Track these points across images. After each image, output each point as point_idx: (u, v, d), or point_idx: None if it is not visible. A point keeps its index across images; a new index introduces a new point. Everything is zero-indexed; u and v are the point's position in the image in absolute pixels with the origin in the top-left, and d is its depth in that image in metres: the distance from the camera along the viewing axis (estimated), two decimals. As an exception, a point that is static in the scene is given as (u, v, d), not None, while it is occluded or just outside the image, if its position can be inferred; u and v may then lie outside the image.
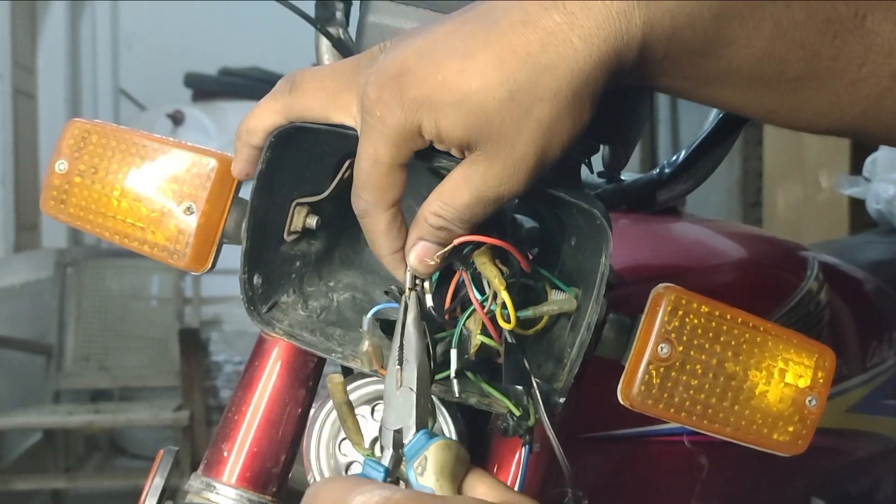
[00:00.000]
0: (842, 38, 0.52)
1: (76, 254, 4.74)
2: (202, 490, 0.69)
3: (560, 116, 0.48)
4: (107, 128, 0.64)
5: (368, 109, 0.50)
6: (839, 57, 0.52)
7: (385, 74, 0.49)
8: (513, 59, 0.47)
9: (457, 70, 0.48)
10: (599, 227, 0.55)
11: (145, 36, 6.55)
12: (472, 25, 0.49)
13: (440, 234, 0.52)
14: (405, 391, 0.52)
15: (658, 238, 1.05)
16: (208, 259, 0.63)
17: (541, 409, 0.56)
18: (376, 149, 0.50)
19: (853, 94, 0.54)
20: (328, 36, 0.77)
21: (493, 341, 0.55)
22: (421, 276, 0.54)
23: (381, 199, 0.52)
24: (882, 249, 1.42)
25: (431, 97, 0.48)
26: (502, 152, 0.49)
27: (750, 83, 0.53)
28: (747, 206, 3.86)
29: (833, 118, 0.55)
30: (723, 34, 0.50)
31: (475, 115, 0.48)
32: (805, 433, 0.60)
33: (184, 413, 3.81)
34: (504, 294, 0.54)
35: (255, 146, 0.58)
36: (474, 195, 0.50)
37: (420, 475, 0.48)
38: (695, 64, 0.51)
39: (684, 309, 0.58)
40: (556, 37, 0.47)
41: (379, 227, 0.53)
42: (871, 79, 0.53)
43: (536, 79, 0.47)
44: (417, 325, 0.54)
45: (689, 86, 0.54)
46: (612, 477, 0.93)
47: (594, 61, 0.48)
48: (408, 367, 0.52)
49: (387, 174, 0.51)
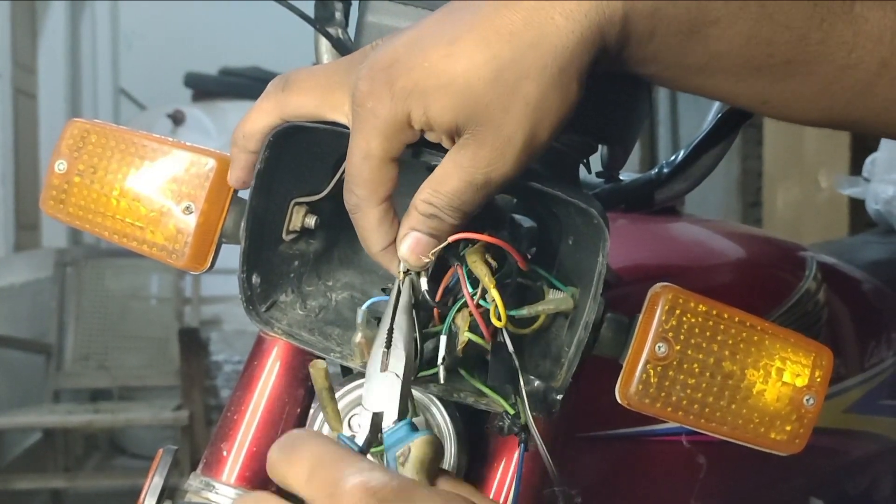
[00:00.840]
0: (829, 22, 0.52)
1: (76, 253, 4.74)
2: (201, 489, 0.69)
3: (547, 94, 0.49)
4: (106, 128, 0.64)
5: (360, 102, 0.50)
6: (827, 41, 0.52)
7: (375, 67, 0.50)
8: (497, 38, 0.48)
9: (443, 54, 0.49)
10: (597, 226, 0.55)
11: (145, 35, 6.55)
12: (457, 13, 0.50)
13: (431, 224, 0.52)
14: (390, 376, 0.52)
15: (656, 238, 1.05)
16: (207, 258, 0.63)
17: (526, 408, 0.56)
18: (367, 142, 0.51)
19: (843, 81, 0.54)
20: (327, 36, 0.77)
21: (480, 339, 0.55)
22: (412, 268, 0.54)
23: (373, 194, 0.52)
24: (881, 250, 1.42)
25: (420, 84, 0.49)
26: (490, 134, 0.49)
27: (739, 69, 0.53)
28: (746, 206, 3.86)
29: (824, 105, 0.55)
30: (707, 12, 0.51)
31: (462, 96, 0.48)
32: (803, 432, 0.60)
33: (183, 412, 3.82)
34: (494, 292, 0.54)
35: (252, 151, 0.58)
36: (464, 179, 0.50)
37: (401, 465, 0.48)
38: (682, 46, 0.52)
39: (682, 308, 0.58)
40: (538, 15, 0.48)
41: (370, 222, 0.53)
42: (861, 65, 0.53)
43: (521, 57, 0.48)
44: (408, 312, 0.53)
45: (679, 73, 0.54)
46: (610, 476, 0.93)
47: (577, 37, 0.48)
48: (395, 353, 0.52)
49: (378, 168, 0.51)
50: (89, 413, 3.99)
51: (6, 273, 4.53)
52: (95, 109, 6.18)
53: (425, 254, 0.53)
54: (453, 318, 0.57)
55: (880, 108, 0.55)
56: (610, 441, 0.88)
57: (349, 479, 0.44)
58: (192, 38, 6.27)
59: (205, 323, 4.50)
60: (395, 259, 0.54)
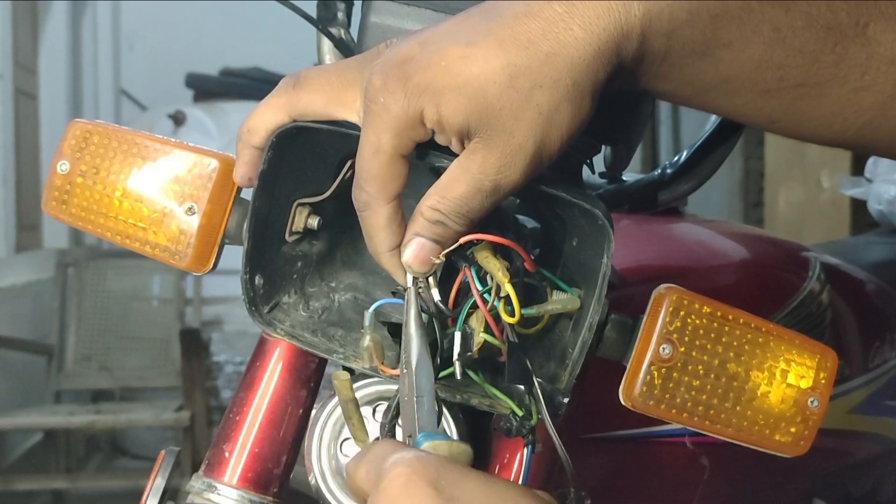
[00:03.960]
0: (843, 45, 0.52)
1: (77, 254, 4.74)
2: (203, 491, 0.69)
3: (559, 105, 0.49)
4: (108, 128, 0.64)
5: (372, 97, 0.50)
6: (840, 64, 0.52)
7: (389, 63, 0.50)
8: (514, 45, 0.48)
9: (459, 56, 0.48)
10: (601, 227, 0.55)
11: (147, 36, 6.55)
12: (475, 18, 0.50)
13: (436, 230, 0.52)
14: (411, 396, 0.51)
15: (660, 239, 1.05)
16: (210, 259, 0.63)
17: (543, 408, 0.56)
18: (378, 137, 0.50)
19: (857, 104, 0.53)
20: (330, 36, 0.77)
21: (496, 340, 0.55)
22: (416, 274, 0.54)
23: (382, 191, 0.52)
24: (884, 250, 1.42)
25: (434, 82, 0.49)
26: (501, 140, 0.49)
27: (750, 90, 0.53)
28: (749, 207, 3.86)
29: (837, 129, 0.55)
30: (721, 35, 0.51)
31: (475, 99, 0.48)
32: (807, 434, 0.60)
33: (185, 413, 3.81)
34: (508, 287, 0.53)
35: (257, 146, 0.58)
36: (471, 185, 0.50)
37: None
38: (694, 67, 0.51)
39: (686, 309, 0.58)
40: (557, 26, 0.48)
41: (379, 220, 0.53)
42: (875, 87, 0.53)
43: (537, 65, 0.48)
44: (418, 323, 0.53)
45: (690, 92, 0.54)
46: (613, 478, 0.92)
47: (594, 50, 0.48)
48: (408, 372, 0.52)
49: (388, 164, 0.51)
50: (91, 414, 3.99)
51: (8, 274, 4.54)
52: (96, 110, 6.19)
53: (429, 260, 0.53)
54: (466, 320, 0.56)
55: (895, 131, 0.55)
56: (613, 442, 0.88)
57: (395, 455, 0.45)
58: (194, 39, 6.27)
59: (206, 324, 4.50)
60: (400, 264, 0.54)
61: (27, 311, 4.52)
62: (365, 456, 0.47)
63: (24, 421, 3.92)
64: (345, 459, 0.68)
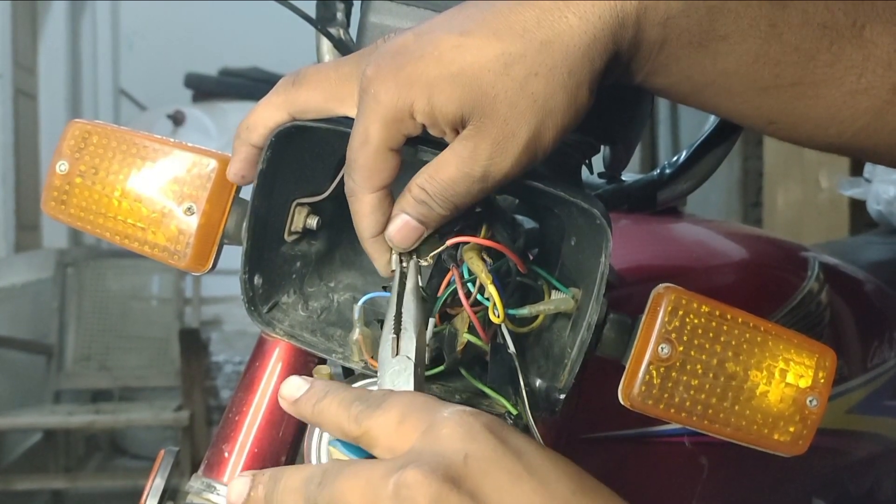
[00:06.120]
0: (839, 45, 0.52)
1: (77, 254, 4.74)
2: (203, 491, 0.69)
3: (555, 93, 0.49)
4: (107, 128, 0.64)
5: (365, 88, 0.50)
6: (836, 64, 0.52)
7: (383, 54, 0.50)
8: (509, 34, 0.48)
9: (453, 45, 0.49)
10: (599, 226, 0.55)
11: (146, 36, 6.55)
12: (470, 10, 0.50)
13: (421, 210, 0.52)
14: (402, 359, 0.52)
15: (658, 238, 1.05)
16: (209, 259, 0.63)
17: (527, 408, 0.56)
18: (367, 128, 0.50)
19: (853, 107, 0.53)
20: (329, 36, 0.77)
21: (479, 340, 0.55)
22: (398, 249, 0.54)
23: (367, 181, 0.52)
24: (883, 250, 1.42)
25: (427, 73, 0.49)
26: (494, 127, 0.49)
27: (747, 86, 0.53)
28: (747, 207, 3.86)
29: (833, 133, 0.55)
30: (717, 27, 0.51)
31: (469, 88, 0.48)
32: (806, 434, 0.60)
33: (184, 413, 3.82)
34: (491, 288, 0.54)
35: (255, 144, 0.58)
36: (461, 170, 0.50)
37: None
38: (691, 59, 0.52)
39: (685, 309, 0.58)
40: (552, 14, 0.48)
41: (364, 208, 0.53)
42: (871, 90, 0.53)
43: (532, 53, 0.48)
44: (416, 294, 0.53)
45: (688, 88, 0.54)
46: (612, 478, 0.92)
47: (590, 38, 0.48)
48: (405, 336, 0.52)
49: (374, 156, 0.51)
50: (90, 414, 3.99)
51: (7, 273, 4.53)
52: (96, 110, 6.19)
53: (411, 239, 0.53)
54: (452, 321, 0.56)
55: (891, 137, 0.55)
56: (612, 442, 0.88)
57: (446, 410, 0.47)
58: (193, 39, 6.27)
59: (205, 323, 4.50)
60: (383, 251, 0.54)
61: (26, 311, 4.52)
62: (384, 399, 0.48)
63: (23, 421, 3.92)
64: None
